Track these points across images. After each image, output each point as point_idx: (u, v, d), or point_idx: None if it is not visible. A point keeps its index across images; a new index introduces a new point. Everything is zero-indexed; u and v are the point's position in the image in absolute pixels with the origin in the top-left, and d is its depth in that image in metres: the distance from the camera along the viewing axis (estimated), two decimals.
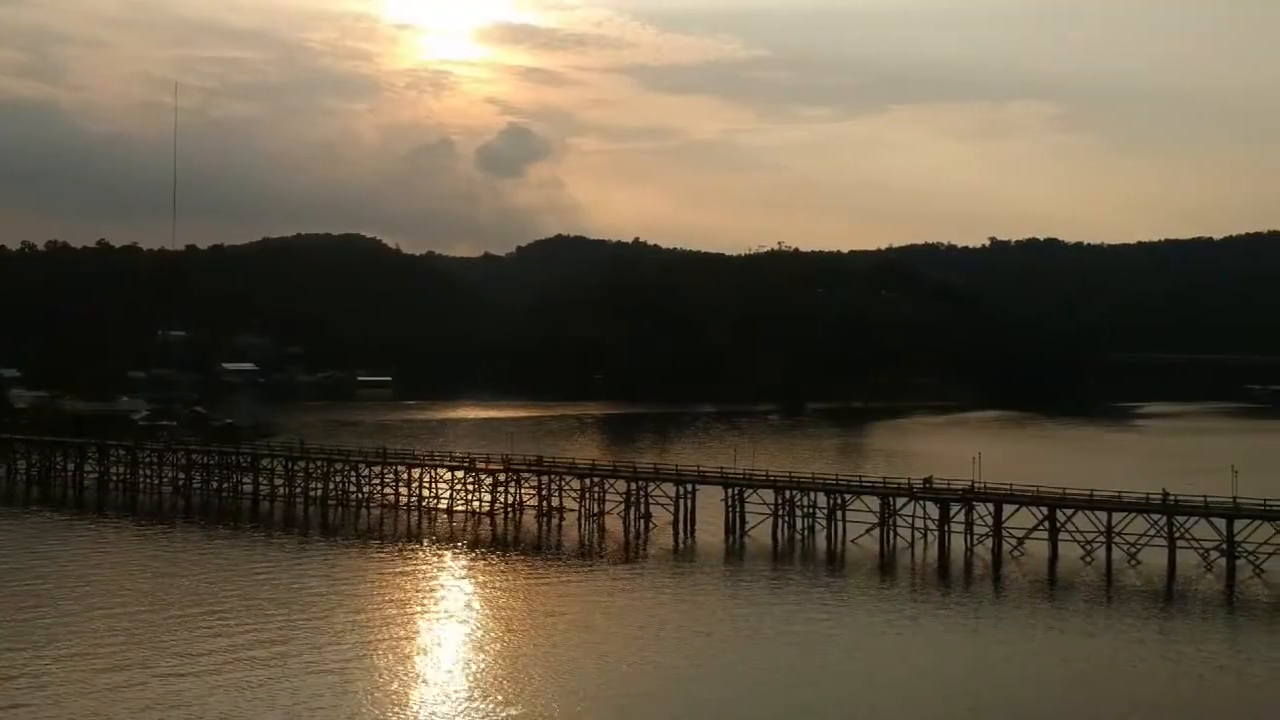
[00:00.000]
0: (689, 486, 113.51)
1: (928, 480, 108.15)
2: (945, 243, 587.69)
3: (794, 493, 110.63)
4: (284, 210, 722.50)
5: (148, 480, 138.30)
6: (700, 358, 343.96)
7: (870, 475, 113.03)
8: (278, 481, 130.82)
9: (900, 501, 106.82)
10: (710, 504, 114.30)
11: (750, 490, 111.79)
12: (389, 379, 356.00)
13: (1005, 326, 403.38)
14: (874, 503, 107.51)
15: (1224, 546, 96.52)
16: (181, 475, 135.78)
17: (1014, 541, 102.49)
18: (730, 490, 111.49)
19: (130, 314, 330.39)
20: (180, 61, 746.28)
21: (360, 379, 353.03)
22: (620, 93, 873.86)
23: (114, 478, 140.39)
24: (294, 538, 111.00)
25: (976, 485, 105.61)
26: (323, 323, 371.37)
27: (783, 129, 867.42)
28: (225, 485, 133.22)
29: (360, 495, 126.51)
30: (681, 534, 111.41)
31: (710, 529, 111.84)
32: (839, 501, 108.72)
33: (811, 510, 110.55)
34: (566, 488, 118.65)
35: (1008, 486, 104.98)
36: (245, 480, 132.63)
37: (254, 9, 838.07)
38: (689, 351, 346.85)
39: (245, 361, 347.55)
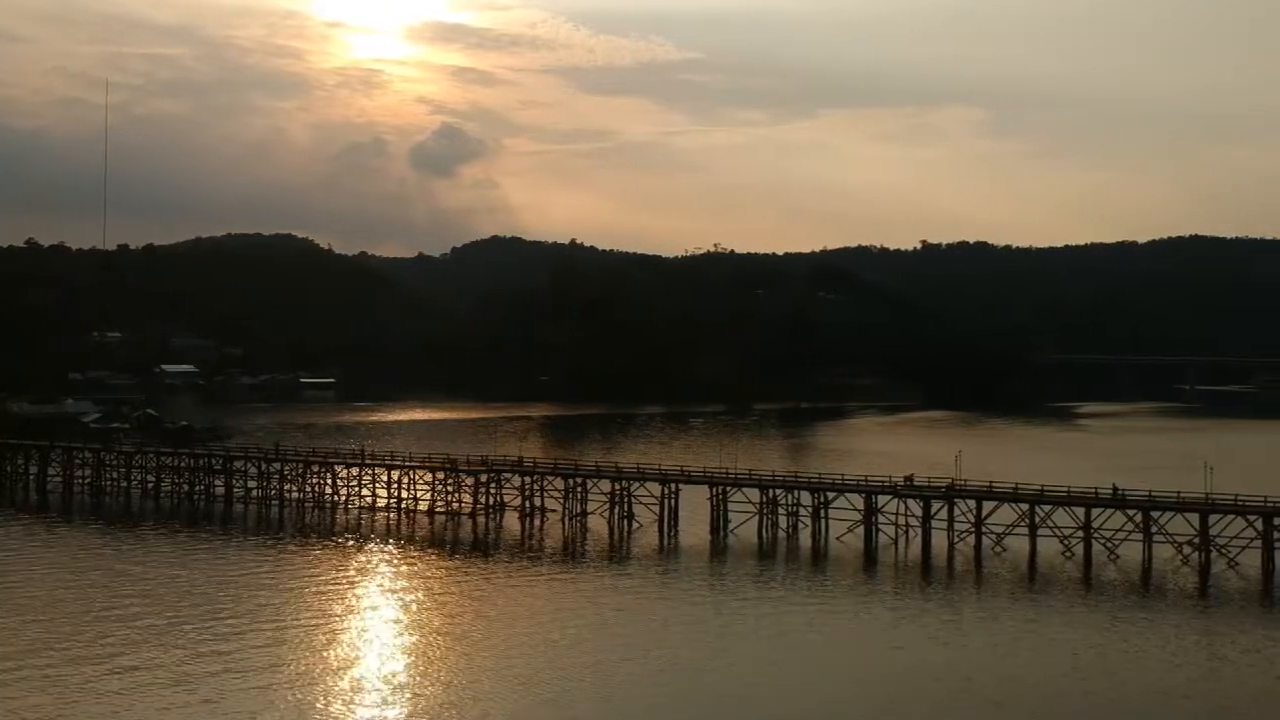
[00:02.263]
0: (673, 486, 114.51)
1: (909, 478, 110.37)
2: (878, 245, 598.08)
3: (778, 491, 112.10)
4: (214, 209, 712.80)
5: (114, 483, 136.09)
6: (644, 359, 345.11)
7: (850, 473, 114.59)
8: (252, 484, 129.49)
9: (883, 499, 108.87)
10: (690, 503, 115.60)
11: (734, 489, 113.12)
12: (332, 381, 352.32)
13: (940, 328, 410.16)
14: (857, 500, 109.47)
15: (1198, 541, 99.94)
16: (151, 478, 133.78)
17: (994, 537, 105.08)
18: (715, 489, 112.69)
19: (63, 314, 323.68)
20: (106, 58, 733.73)
21: (303, 381, 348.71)
22: (554, 94, 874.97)
23: (79, 481, 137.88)
24: (269, 540, 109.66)
25: (957, 483, 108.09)
26: (261, 324, 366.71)
27: (716, 132, 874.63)
28: (198, 488, 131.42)
29: (338, 497, 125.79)
30: (667, 533, 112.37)
31: (696, 528, 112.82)
32: (823, 500, 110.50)
33: (795, 508, 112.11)
34: (549, 488, 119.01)
35: (987, 484, 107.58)
36: (218, 483, 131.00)
37: (180, 5, 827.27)
38: (633, 353, 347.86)
39: (184, 364, 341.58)
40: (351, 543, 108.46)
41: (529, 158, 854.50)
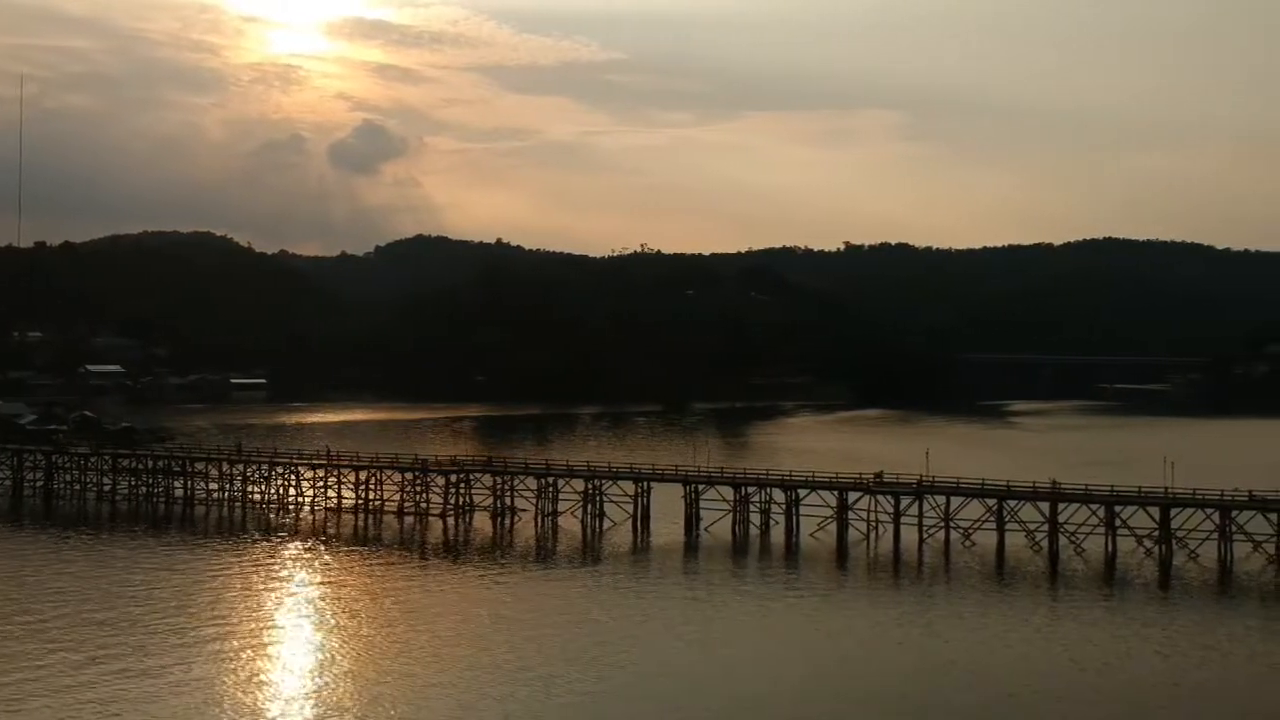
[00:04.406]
0: (645, 485, 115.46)
1: (878, 475, 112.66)
2: (803, 246, 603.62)
3: (751, 489, 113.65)
4: (128, 207, 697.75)
5: (66, 486, 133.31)
6: (578, 359, 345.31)
7: (821, 471, 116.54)
8: (213, 486, 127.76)
9: (854, 496, 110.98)
10: (659, 502, 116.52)
11: (706, 487, 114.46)
12: (263, 381, 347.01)
13: (867, 327, 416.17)
14: (829, 497, 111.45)
15: (1159, 534, 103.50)
16: (107, 480, 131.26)
17: (963, 532, 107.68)
18: (689, 487, 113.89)
19: None
20: (11, 50, 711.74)
21: (234, 382, 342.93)
22: (476, 92, 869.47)
23: (29, 484, 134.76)
24: (233, 543, 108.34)
25: (925, 479, 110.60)
26: (185, 324, 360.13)
27: (640, 132, 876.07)
28: (157, 491, 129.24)
29: (302, 499, 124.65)
30: (640, 531, 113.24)
31: (669, 527, 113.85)
32: (795, 497, 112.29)
33: (767, 506, 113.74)
34: (520, 487, 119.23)
35: (955, 480, 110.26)
36: (177, 485, 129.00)
37: None
38: (567, 353, 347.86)
39: (109, 364, 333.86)
40: (317, 545, 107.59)
41: (451, 156, 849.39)
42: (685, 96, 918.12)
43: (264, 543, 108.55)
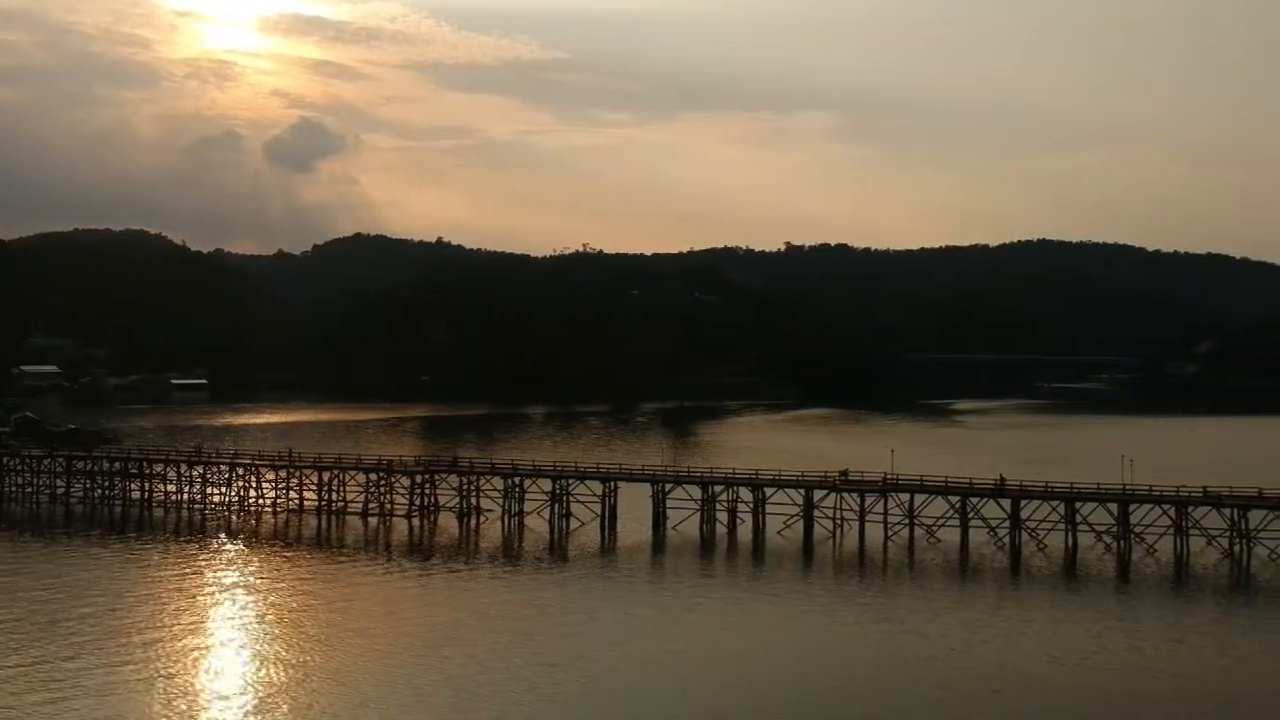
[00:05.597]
0: (612, 485, 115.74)
1: (843, 473, 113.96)
2: (744, 246, 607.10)
3: (718, 488, 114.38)
4: (59, 203, 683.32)
5: (18, 489, 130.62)
6: (524, 359, 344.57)
7: (787, 470, 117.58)
8: (171, 487, 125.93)
9: (820, 494, 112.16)
10: (626, 501, 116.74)
11: (674, 486, 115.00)
12: (204, 382, 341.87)
13: (810, 327, 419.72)
14: (796, 495, 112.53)
15: (1118, 529, 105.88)
16: (60, 483, 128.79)
17: (925, 529, 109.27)
18: (657, 487, 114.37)
19: None
20: None
21: (174, 382, 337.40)
22: (415, 90, 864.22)
23: None
24: (193, 546, 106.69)
25: (889, 477, 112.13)
26: (122, 323, 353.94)
27: (581, 132, 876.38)
28: (113, 493, 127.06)
29: (263, 500, 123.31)
30: (607, 531, 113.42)
31: (636, 526, 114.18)
32: (761, 495, 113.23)
33: (734, 504, 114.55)
34: (487, 488, 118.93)
35: (918, 478, 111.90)
36: (134, 487, 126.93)
37: None
38: (513, 352, 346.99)
39: (46, 364, 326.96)
40: (279, 547, 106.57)
41: (390, 154, 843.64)
42: (625, 97, 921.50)
43: (226, 545, 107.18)
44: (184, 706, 60.22)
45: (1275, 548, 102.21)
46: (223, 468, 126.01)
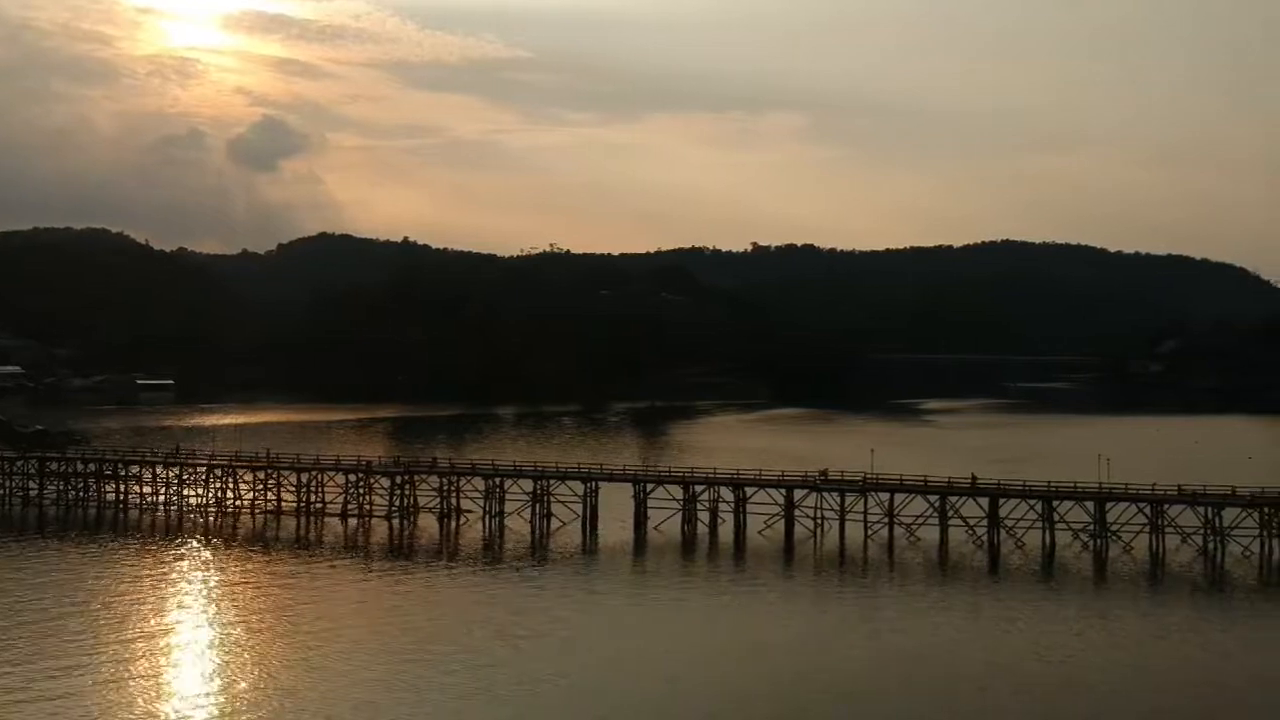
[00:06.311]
0: (594, 485, 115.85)
1: (823, 473, 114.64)
2: (711, 247, 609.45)
3: (699, 487, 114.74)
4: (18, 202, 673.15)
5: None
6: (496, 359, 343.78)
7: (768, 470, 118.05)
8: (147, 489, 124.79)
9: (801, 493, 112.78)
10: (607, 501, 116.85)
11: (655, 486, 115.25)
12: (170, 382, 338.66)
13: (778, 327, 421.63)
14: (777, 495, 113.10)
15: (1095, 527, 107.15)
16: (34, 485, 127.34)
17: (904, 528, 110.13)
18: (638, 486, 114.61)
19: None
20: None
21: (140, 383, 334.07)
22: (380, 88, 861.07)
23: None
24: (170, 548, 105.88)
25: (869, 477, 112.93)
26: (86, 323, 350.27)
27: (546, 132, 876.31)
28: (89, 495, 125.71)
29: (241, 502, 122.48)
30: (589, 531, 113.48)
31: (618, 526, 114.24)
32: (743, 495, 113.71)
33: (715, 504, 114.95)
34: (467, 488, 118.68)
35: (898, 477, 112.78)
36: (109, 488, 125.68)
37: None
38: (484, 352, 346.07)
39: (8, 365, 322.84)
40: (258, 549, 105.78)
41: (355, 153, 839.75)
42: (590, 96, 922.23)
43: (202, 548, 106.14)
44: (157, 708, 59.93)
45: (1248, 545, 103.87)
46: (199, 469, 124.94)
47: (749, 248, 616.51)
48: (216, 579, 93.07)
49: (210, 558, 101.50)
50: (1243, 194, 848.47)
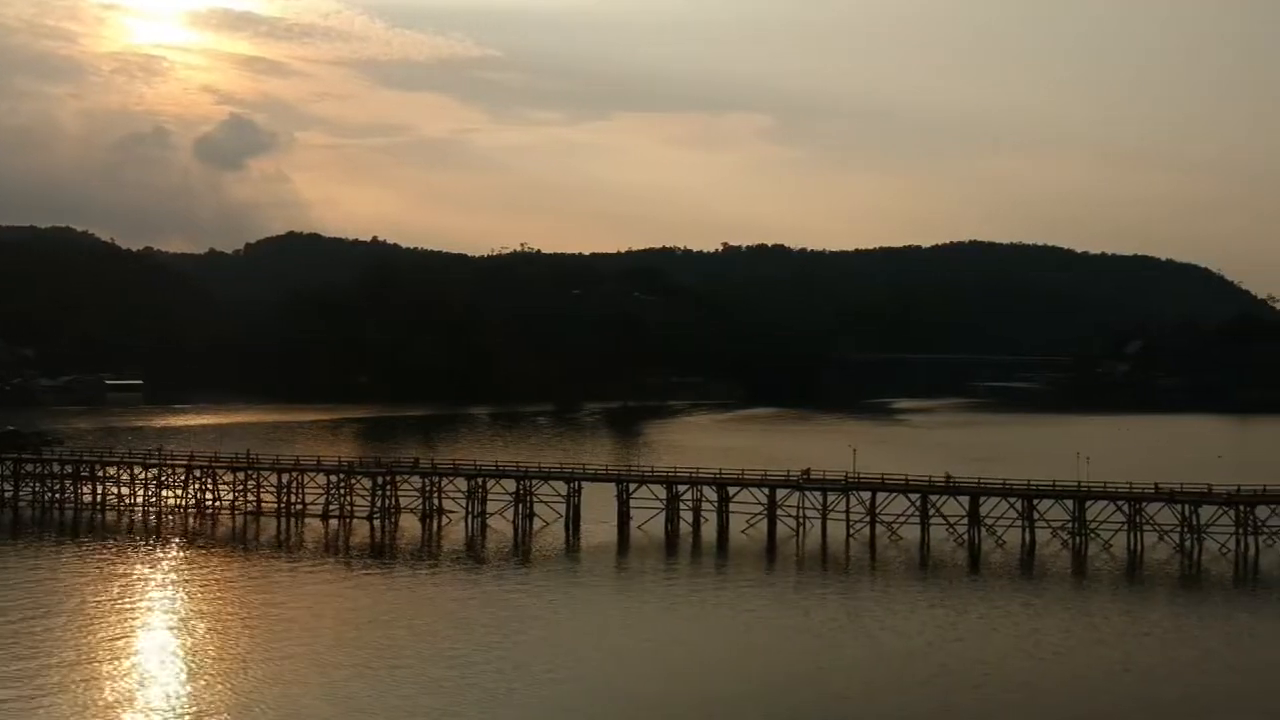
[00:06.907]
0: (577, 485, 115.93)
1: (806, 472, 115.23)
2: (682, 247, 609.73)
3: (682, 487, 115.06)
4: None
5: None
6: (466, 359, 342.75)
7: (750, 469, 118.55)
8: (125, 490, 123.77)
9: (783, 492, 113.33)
10: (590, 501, 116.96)
11: (638, 486, 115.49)
12: (139, 382, 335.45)
13: (749, 327, 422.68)
14: (759, 494, 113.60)
15: (1073, 525, 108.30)
16: (8, 486, 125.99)
17: (885, 527, 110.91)
18: (622, 486, 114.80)
19: None
20: None
21: (109, 383, 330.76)
22: (348, 87, 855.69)
23: None
24: (149, 549, 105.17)
25: (851, 476, 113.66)
26: (52, 323, 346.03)
27: (514, 130, 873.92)
28: (65, 496, 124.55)
29: (220, 503, 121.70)
30: (571, 531, 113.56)
31: (601, 525, 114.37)
32: (726, 494, 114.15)
33: (698, 504, 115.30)
34: (450, 488, 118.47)
35: (879, 477, 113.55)
36: (86, 489, 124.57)
37: None
38: (454, 352, 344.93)
39: None
40: (238, 550, 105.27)
41: (323, 152, 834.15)
42: (557, 95, 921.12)
43: (183, 549, 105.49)
44: (133, 711, 59.62)
45: (1225, 542, 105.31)
46: (178, 470, 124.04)
47: (720, 248, 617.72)
48: (196, 581, 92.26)
49: (190, 559, 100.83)
50: (1206, 195, 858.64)
